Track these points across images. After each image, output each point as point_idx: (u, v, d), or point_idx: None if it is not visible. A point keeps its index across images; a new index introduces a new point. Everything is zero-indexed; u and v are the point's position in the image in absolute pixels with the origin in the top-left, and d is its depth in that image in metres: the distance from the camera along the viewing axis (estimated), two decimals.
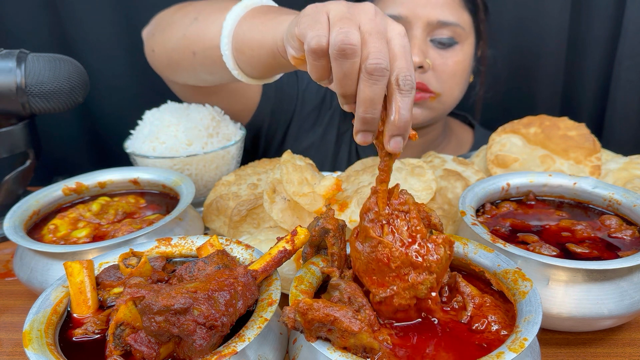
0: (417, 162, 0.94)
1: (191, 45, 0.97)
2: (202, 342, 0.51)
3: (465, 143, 1.48)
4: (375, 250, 0.57)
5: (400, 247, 0.57)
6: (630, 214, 0.80)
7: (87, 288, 0.63)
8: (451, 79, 1.24)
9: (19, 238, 0.77)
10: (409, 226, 0.58)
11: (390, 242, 0.57)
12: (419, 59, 1.17)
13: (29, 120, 1.06)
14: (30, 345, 0.53)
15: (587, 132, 1.01)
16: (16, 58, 0.97)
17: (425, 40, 1.20)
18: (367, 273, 0.59)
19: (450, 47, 1.22)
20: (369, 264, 0.58)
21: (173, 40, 1.02)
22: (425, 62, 1.19)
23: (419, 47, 1.18)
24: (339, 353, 0.52)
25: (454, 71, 1.23)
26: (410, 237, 0.58)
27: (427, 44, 1.21)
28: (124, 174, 0.98)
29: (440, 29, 1.19)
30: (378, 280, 0.58)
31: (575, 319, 0.67)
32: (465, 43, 1.24)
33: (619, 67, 1.54)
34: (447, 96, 1.26)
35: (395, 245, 0.57)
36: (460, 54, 1.23)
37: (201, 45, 0.95)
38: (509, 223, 0.80)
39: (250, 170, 1.06)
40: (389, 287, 0.57)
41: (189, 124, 1.08)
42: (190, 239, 0.73)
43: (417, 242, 0.58)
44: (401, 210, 0.59)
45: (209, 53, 0.93)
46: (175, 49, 1.02)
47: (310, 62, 0.59)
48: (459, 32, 1.21)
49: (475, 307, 0.60)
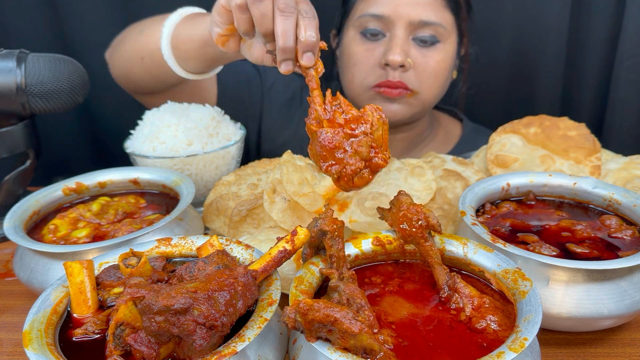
0: (417, 162, 0.94)
1: (139, 52, 1.15)
2: (202, 342, 0.51)
3: (454, 136, 1.50)
4: (319, 140, 0.70)
5: (336, 131, 0.70)
6: (630, 214, 0.80)
7: (87, 288, 0.63)
8: (431, 77, 1.25)
9: (19, 238, 0.77)
10: (342, 114, 0.72)
11: (327, 129, 0.70)
12: (401, 58, 1.19)
13: (29, 120, 1.06)
14: (30, 345, 0.53)
15: (587, 132, 1.01)
16: (16, 58, 0.97)
17: (407, 39, 1.22)
18: (322, 158, 0.70)
19: (432, 46, 1.24)
20: (320, 152, 0.70)
21: (125, 52, 1.21)
22: (407, 62, 1.20)
23: (401, 46, 1.20)
24: (339, 353, 0.52)
25: (434, 70, 1.25)
26: (344, 120, 0.71)
27: (409, 43, 1.22)
28: (124, 174, 0.98)
29: (422, 28, 1.21)
30: (330, 161, 0.70)
31: (575, 319, 0.67)
32: (447, 42, 1.25)
33: (619, 67, 1.54)
34: (425, 94, 1.27)
35: (332, 131, 0.70)
36: (442, 52, 1.25)
37: (147, 50, 1.12)
38: (509, 223, 0.80)
39: (250, 170, 1.06)
40: (338, 162, 0.70)
41: (189, 124, 1.08)
42: (190, 239, 0.73)
43: (350, 122, 0.71)
44: (334, 104, 0.72)
45: (154, 55, 1.09)
46: (128, 59, 1.20)
47: (237, 17, 0.77)
48: (441, 31, 1.23)
49: (474, 309, 0.60)
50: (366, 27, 1.25)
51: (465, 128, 1.51)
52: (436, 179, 0.89)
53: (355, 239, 0.72)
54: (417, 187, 0.86)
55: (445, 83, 1.32)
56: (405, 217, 0.68)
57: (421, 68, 1.24)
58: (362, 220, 0.78)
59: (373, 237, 0.72)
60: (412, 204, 0.69)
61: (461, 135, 1.49)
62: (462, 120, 1.53)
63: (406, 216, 0.68)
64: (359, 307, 0.58)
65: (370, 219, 0.77)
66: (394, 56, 1.19)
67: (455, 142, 1.48)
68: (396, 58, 1.19)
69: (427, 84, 1.26)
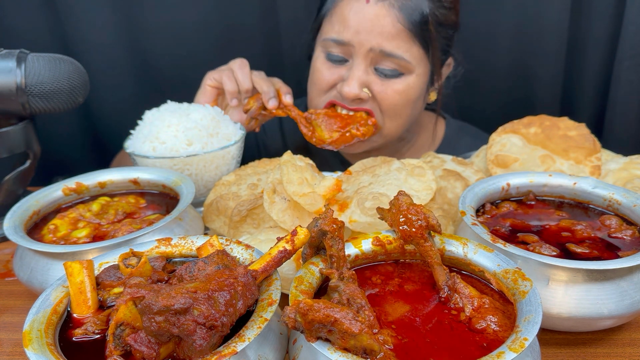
0: (417, 162, 0.94)
1: None
2: (202, 342, 0.51)
3: (437, 137, 1.46)
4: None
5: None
6: (630, 214, 0.80)
7: (87, 288, 0.63)
8: (391, 108, 1.20)
9: (19, 238, 0.77)
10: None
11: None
12: (356, 91, 1.16)
13: (29, 120, 1.06)
14: (30, 345, 0.53)
15: (587, 132, 1.01)
16: (16, 58, 0.97)
17: (366, 69, 1.17)
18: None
19: (395, 78, 1.18)
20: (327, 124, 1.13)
21: None
22: (362, 93, 1.17)
23: (358, 77, 1.16)
24: (339, 353, 0.52)
25: (394, 101, 1.19)
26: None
27: (369, 72, 1.18)
28: (124, 174, 0.98)
29: (383, 59, 1.16)
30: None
31: (575, 319, 0.67)
32: (412, 74, 1.19)
33: (619, 67, 1.54)
34: (387, 129, 1.24)
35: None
36: (404, 84, 1.19)
37: None
38: (509, 223, 0.80)
39: (250, 170, 1.06)
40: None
41: (189, 124, 1.08)
42: (190, 239, 0.73)
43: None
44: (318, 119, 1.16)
45: None
46: None
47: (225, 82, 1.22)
48: (404, 65, 1.16)
49: (474, 309, 0.60)
50: (329, 52, 1.22)
51: (448, 127, 1.47)
52: (436, 179, 0.89)
53: (355, 239, 0.72)
54: (417, 187, 0.86)
55: (412, 113, 1.27)
56: (405, 218, 0.68)
57: (380, 97, 1.19)
58: (362, 220, 0.77)
59: (373, 237, 0.72)
60: (412, 204, 0.69)
61: (444, 135, 1.46)
62: (445, 118, 1.49)
63: (406, 216, 0.68)
64: (359, 307, 0.58)
65: (370, 219, 0.77)
66: (349, 88, 1.15)
67: (439, 142, 1.45)
68: (350, 91, 1.15)
69: (387, 116, 1.21)
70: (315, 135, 1.14)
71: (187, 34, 1.70)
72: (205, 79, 1.25)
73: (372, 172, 0.89)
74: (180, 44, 1.71)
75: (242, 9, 1.70)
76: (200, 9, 1.67)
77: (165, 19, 1.66)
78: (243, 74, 1.20)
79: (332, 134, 1.11)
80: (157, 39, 1.69)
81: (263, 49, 1.75)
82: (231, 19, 1.70)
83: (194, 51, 1.72)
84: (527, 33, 1.65)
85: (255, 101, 1.18)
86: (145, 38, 1.68)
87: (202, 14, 1.68)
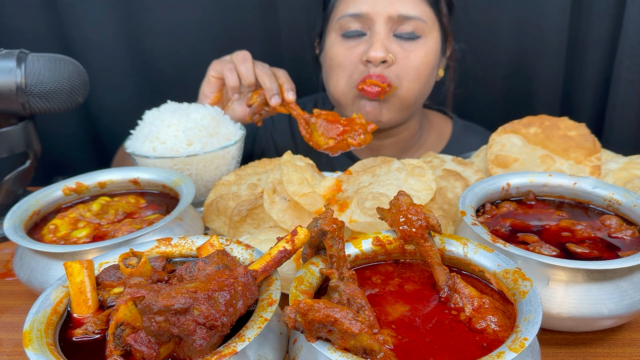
0: (417, 162, 0.94)
1: None
2: (202, 342, 0.51)
3: (445, 135, 1.50)
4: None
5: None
6: (630, 214, 0.80)
7: (87, 288, 0.63)
8: (412, 72, 1.25)
9: (19, 238, 0.77)
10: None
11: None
12: (382, 54, 1.19)
13: (29, 120, 1.06)
14: (30, 345, 0.53)
15: (587, 132, 1.01)
16: (16, 58, 0.97)
17: (388, 35, 1.22)
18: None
19: (414, 41, 1.24)
20: (325, 129, 1.09)
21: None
22: (388, 57, 1.21)
23: (382, 42, 1.20)
24: (339, 353, 0.52)
25: (416, 65, 1.24)
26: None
27: (390, 39, 1.23)
28: (124, 174, 0.98)
29: (402, 23, 1.22)
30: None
31: (575, 319, 0.67)
32: (428, 37, 1.25)
33: (619, 67, 1.54)
34: (404, 89, 1.26)
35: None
36: (424, 47, 1.25)
37: None
38: (509, 223, 0.80)
39: (250, 170, 1.06)
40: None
41: (189, 124, 1.08)
42: (190, 239, 0.73)
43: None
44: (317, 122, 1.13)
45: None
46: None
47: (227, 76, 1.19)
48: (421, 25, 1.23)
49: (474, 309, 0.60)
50: (347, 29, 1.25)
51: (455, 126, 1.50)
52: (436, 179, 0.89)
53: (355, 239, 0.72)
54: (417, 187, 0.86)
55: (429, 80, 1.31)
56: (405, 218, 0.68)
57: (403, 63, 1.23)
58: (362, 220, 0.77)
59: (373, 237, 0.72)
60: (412, 204, 0.69)
61: (451, 134, 1.49)
62: (452, 118, 1.52)
63: (406, 216, 0.68)
64: (359, 307, 0.58)
65: (370, 219, 0.77)
66: (375, 52, 1.19)
67: (446, 141, 1.48)
68: (377, 54, 1.19)
69: (407, 79, 1.25)
70: (312, 139, 1.14)
71: (187, 34, 1.70)
72: (210, 69, 1.23)
73: (372, 172, 0.89)
74: (180, 44, 1.71)
75: (242, 9, 1.71)
76: (200, 9, 1.67)
77: (165, 19, 1.67)
78: (246, 68, 1.17)
79: (328, 140, 1.11)
80: (157, 39, 1.69)
81: (263, 48, 1.76)
82: (231, 19, 1.70)
83: (194, 51, 1.72)
84: (527, 33, 1.65)
85: (258, 96, 1.17)
86: (145, 38, 1.68)
87: (202, 14, 1.68)
